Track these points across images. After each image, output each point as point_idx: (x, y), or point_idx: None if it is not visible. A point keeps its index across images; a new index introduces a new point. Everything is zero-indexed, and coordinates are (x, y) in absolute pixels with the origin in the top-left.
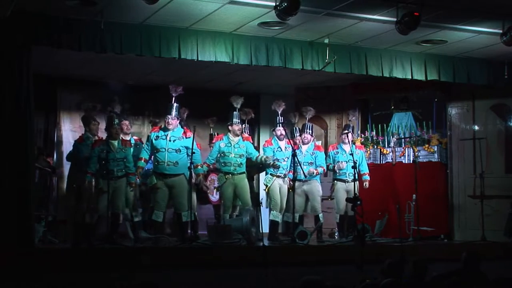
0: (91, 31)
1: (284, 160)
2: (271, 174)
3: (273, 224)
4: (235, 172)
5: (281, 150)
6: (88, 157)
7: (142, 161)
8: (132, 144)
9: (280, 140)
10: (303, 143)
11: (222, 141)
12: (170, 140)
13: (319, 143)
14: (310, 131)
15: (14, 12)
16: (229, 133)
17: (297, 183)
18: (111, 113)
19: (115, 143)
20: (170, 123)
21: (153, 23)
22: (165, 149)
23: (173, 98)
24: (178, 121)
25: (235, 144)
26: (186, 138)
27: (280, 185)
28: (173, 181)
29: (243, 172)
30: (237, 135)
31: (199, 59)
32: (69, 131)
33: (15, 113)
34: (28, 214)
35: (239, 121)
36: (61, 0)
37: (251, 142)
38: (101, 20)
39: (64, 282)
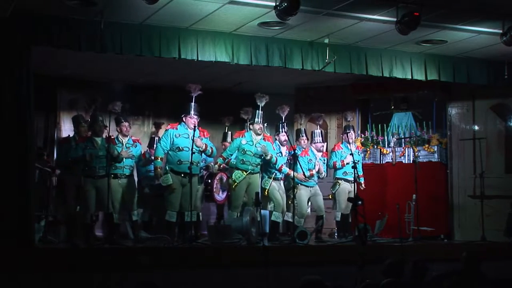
0: (91, 31)
1: (284, 165)
2: (268, 177)
3: (274, 224)
4: (253, 171)
5: (282, 155)
6: (74, 159)
7: (159, 160)
8: (130, 145)
9: (282, 145)
10: (318, 151)
11: (244, 138)
12: (192, 139)
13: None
14: (321, 138)
15: (14, 12)
16: (250, 131)
17: (303, 188)
18: (114, 112)
19: (99, 140)
20: (194, 122)
21: (153, 23)
22: (189, 148)
23: (193, 98)
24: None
25: (256, 144)
26: (204, 138)
27: (278, 187)
28: (188, 180)
29: (258, 172)
30: (258, 134)
31: (199, 59)
32: (69, 131)
33: (15, 113)
34: (28, 214)
35: (261, 120)
36: (61, 0)
37: (271, 142)
38: (101, 20)
39: (64, 282)
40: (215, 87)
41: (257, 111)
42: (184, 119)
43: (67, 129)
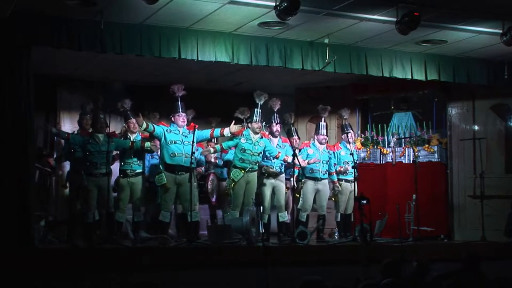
0: (91, 31)
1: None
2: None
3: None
4: (251, 170)
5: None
6: (82, 156)
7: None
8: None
9: (273, 137)
10: (321, 143)
11: (242, 137)
12: (183, 135)
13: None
14: (326, 131)
15: (14, 12)
16: (248, 129)
17: (310, 182)
18: (123, 109)
19: (101, 136)
20: (183, 120)
21: (153, 23)
22: (181, 141)
23: (178, 98)
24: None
25: (255, 142)
26: (190, 133)
27: (273, 185)
28: (183, 178)
29: (256, 170)
30: (257, 133)
31: (199, 59)
32: (69, 131)
33: (15, 113)
34: (28, 214)
35: (259, 119)
36: (61, 0)
37: (268, 138)
38: (101, 20)
39: (64, 282)
40: (215, 87)
41: (256, 109)
42: (173, 118)
43: (67, 129)
